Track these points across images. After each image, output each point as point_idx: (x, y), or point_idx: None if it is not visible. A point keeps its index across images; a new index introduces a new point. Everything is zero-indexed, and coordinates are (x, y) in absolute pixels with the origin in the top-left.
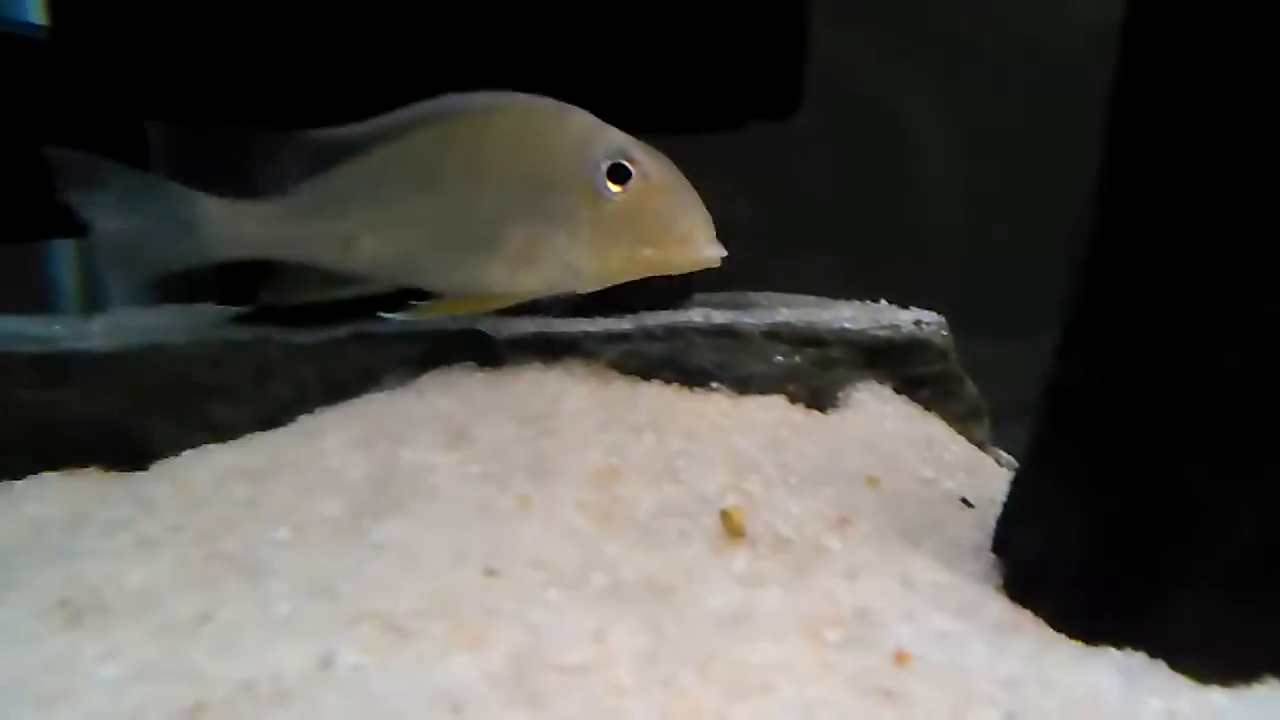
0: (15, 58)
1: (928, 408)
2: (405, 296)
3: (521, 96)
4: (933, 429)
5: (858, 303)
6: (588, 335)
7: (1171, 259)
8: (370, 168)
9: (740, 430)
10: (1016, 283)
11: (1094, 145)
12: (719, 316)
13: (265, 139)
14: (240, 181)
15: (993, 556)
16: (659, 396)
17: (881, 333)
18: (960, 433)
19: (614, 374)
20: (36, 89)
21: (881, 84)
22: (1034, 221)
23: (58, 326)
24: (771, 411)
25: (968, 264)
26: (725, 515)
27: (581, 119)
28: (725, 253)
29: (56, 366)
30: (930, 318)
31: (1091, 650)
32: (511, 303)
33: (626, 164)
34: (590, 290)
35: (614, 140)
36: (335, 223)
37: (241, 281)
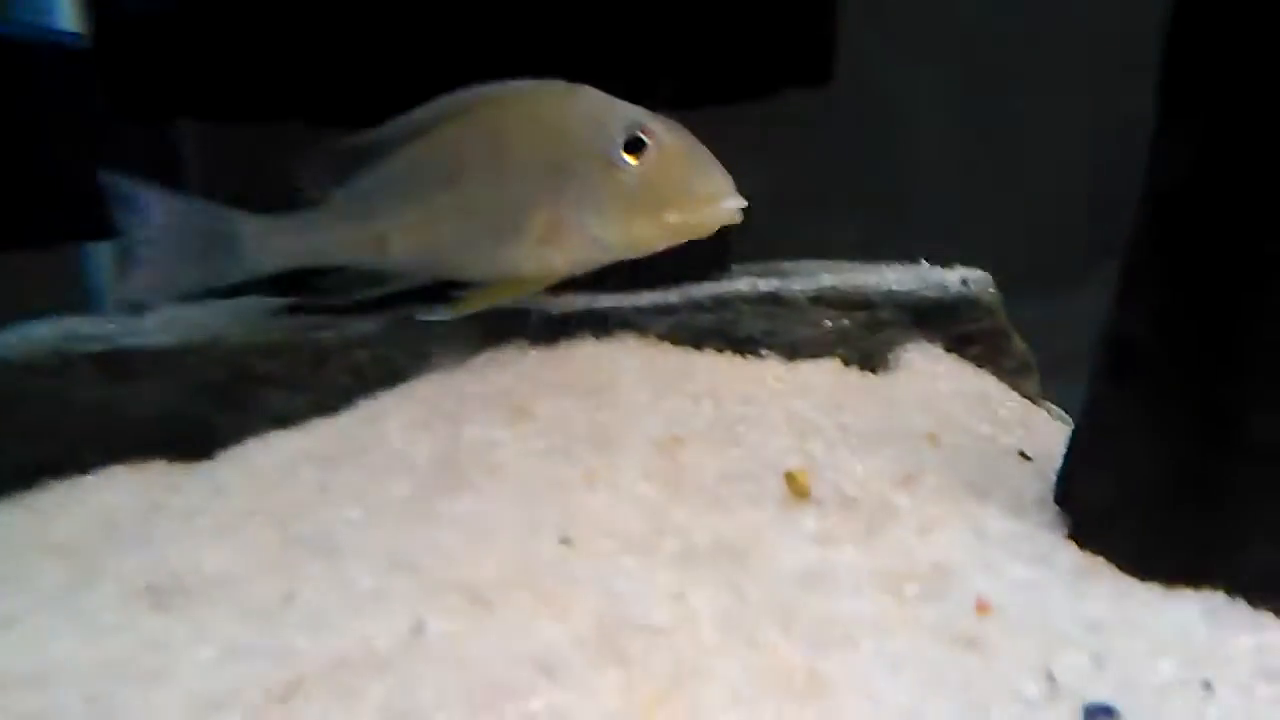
0: (49, 64)
1: (979, 365)
2: (445, 289)
3: (532, 82)
4: (986, 385)
5: (899, 265)
6: (636, 310)
7: (1234, 198)
8: (395, 168)
9: (797, 394)
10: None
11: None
12: (764, 285)
13: (296, 147)
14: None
15: (1056, 508)
16: (713, 365)
17: (929, 293)
18: (1012, 388)
19: (667, 345)
20: (70, 94)
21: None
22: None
23: (112, 325)
24: (827, 375)
25: (980, 223)
26: (790, 477)
27: (593, 97)
28: (745, 204)
29: (117, 363)
30: (976, 275)
31: (1170, 592)
32: (544, 286)
33: (641, 135)
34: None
35: (626, 114)
36: (367, 225)
37: (283, 275)
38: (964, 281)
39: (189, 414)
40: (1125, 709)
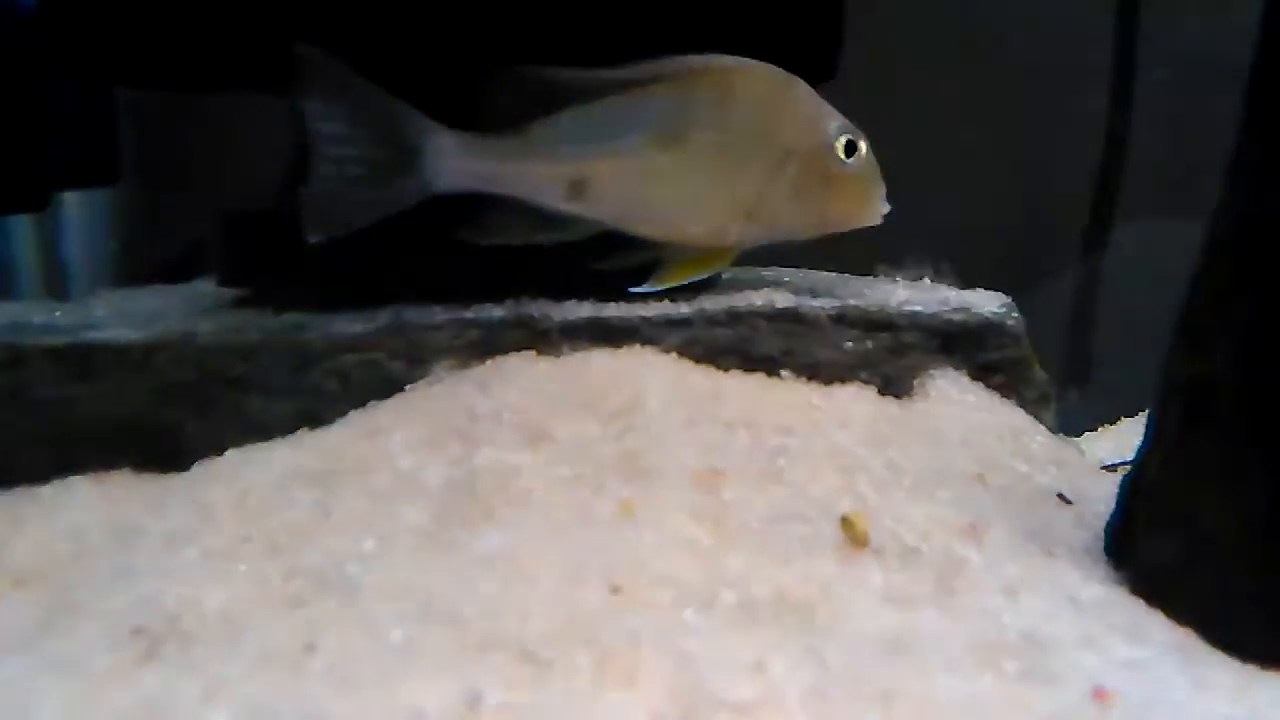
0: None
1: (1003, 395)
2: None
3: (752, 60)
4: (1014, 419)
5: (902, 280)
6: (645, 320)
7: None
8: (609, 114)
9: (837, 425)
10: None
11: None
12: (782, 300)
13: (494, 73)
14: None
15: (1105, 560)
16: (743, 388)
17: (955, 316)
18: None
19: (688, 363)
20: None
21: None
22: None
23: (59, 313)
24: (865, 404)
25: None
26: (846, 522)
27: (808, 89)
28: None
29: (76, 359)
30: (999, 298)
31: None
32: (730, 259)
33: (853, 139)
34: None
35: (838, 114)
36: (569, 165)
37: (242, 262)
38: (987, 305)
39: (156, 419)
40: None
